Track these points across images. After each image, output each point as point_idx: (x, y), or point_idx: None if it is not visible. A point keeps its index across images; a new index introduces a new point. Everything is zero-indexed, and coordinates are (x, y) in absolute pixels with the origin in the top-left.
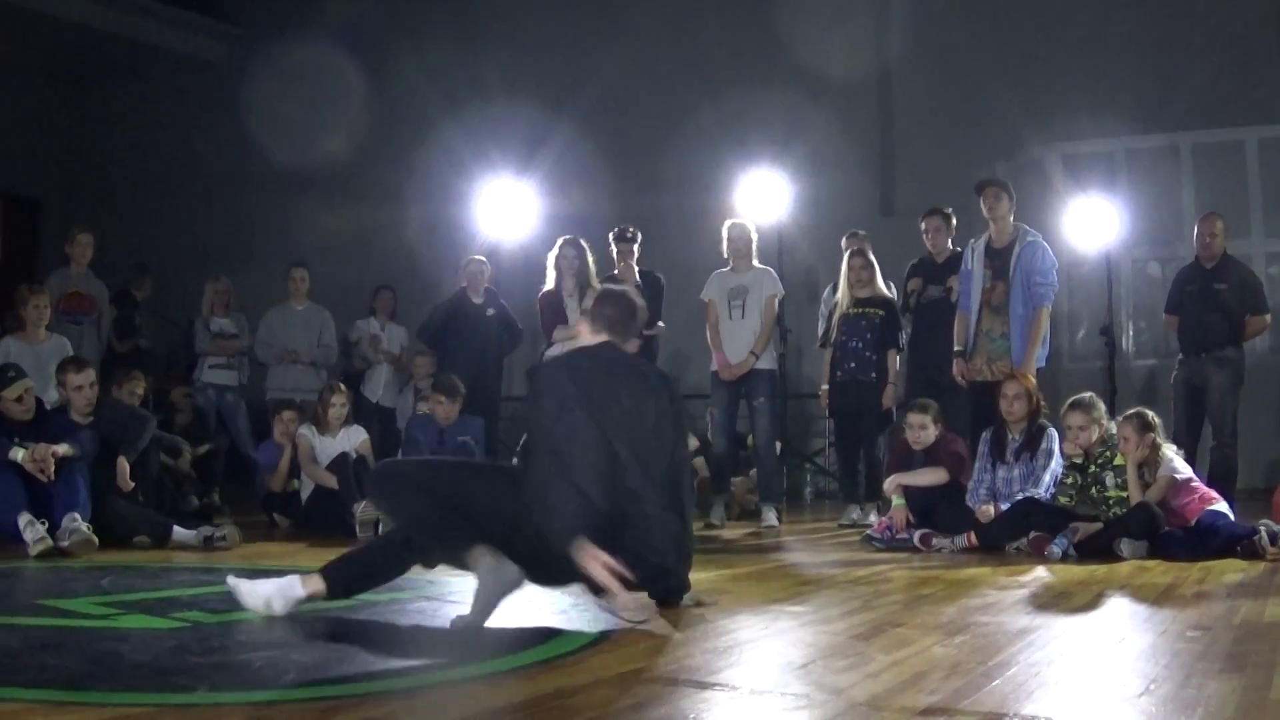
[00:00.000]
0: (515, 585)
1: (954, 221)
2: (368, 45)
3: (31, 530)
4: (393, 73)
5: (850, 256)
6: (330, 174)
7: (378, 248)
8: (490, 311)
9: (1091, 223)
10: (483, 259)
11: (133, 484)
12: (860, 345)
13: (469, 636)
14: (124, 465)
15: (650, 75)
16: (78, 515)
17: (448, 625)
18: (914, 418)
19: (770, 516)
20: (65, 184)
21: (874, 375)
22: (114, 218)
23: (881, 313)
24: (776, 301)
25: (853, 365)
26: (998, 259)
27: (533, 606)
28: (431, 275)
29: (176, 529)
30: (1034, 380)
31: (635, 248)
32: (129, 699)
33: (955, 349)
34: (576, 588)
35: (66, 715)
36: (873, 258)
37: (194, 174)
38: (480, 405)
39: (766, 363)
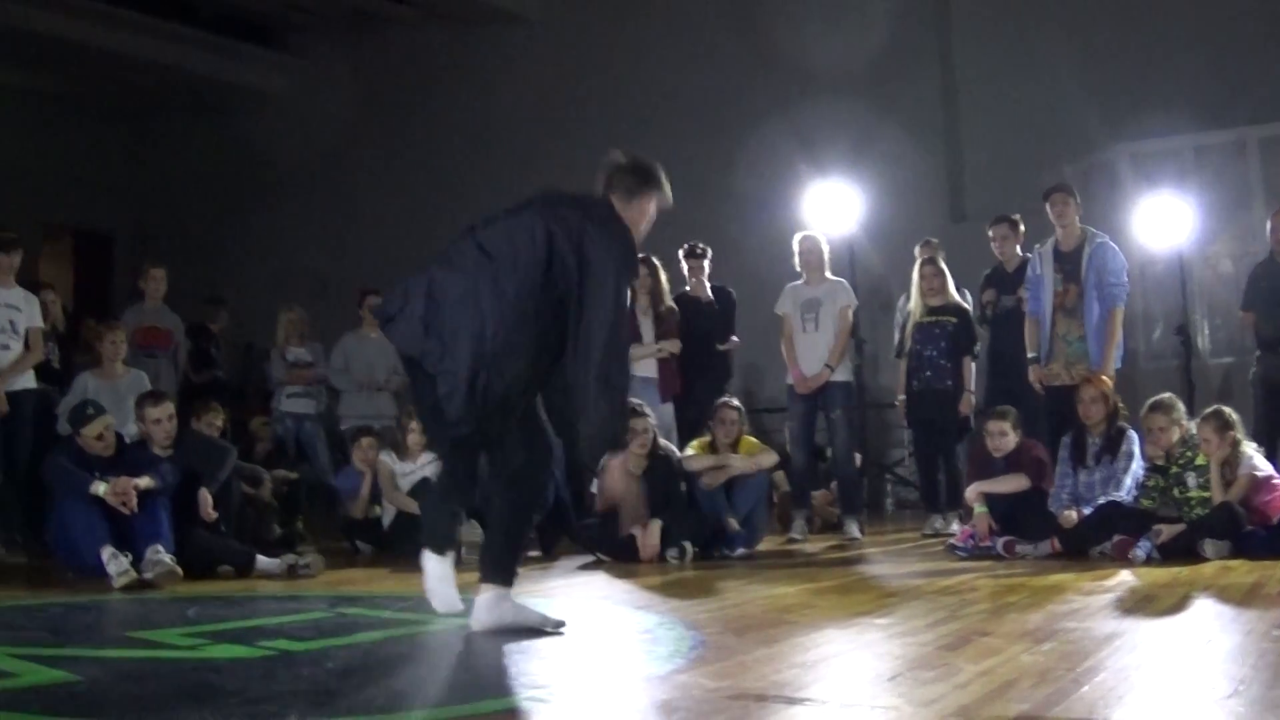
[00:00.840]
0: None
1: (1022, 228)
2: (427, 72)
3: (115, 563)
4: (455, 97)
5: (921, 265)
6: (397, 199)
7: None
8: None
9: (1162, 221)
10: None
11: (215, 514)
12: (935, 354)
13: (558, 658)
14: (206, 496)
15: (719, 89)
16: (161, 547)
17: (532, 646)
18: (994, 425)
19: (852, 529)
20: (136, 219)
21: (950, 383)
22: (186, 251)
23: (955, 320)
24: (850, 313)
25: (928, 374)
26: (1068, 262)
27: (619, 626)
28: None
29: (260, 558)
30: (1111, 382)
31: (706, 263)
32: None
33: (1029, 355)
34: None
35: None
36: (944, 265)
37: (263, 205)
38: (560, 428)
39: (842, 374)
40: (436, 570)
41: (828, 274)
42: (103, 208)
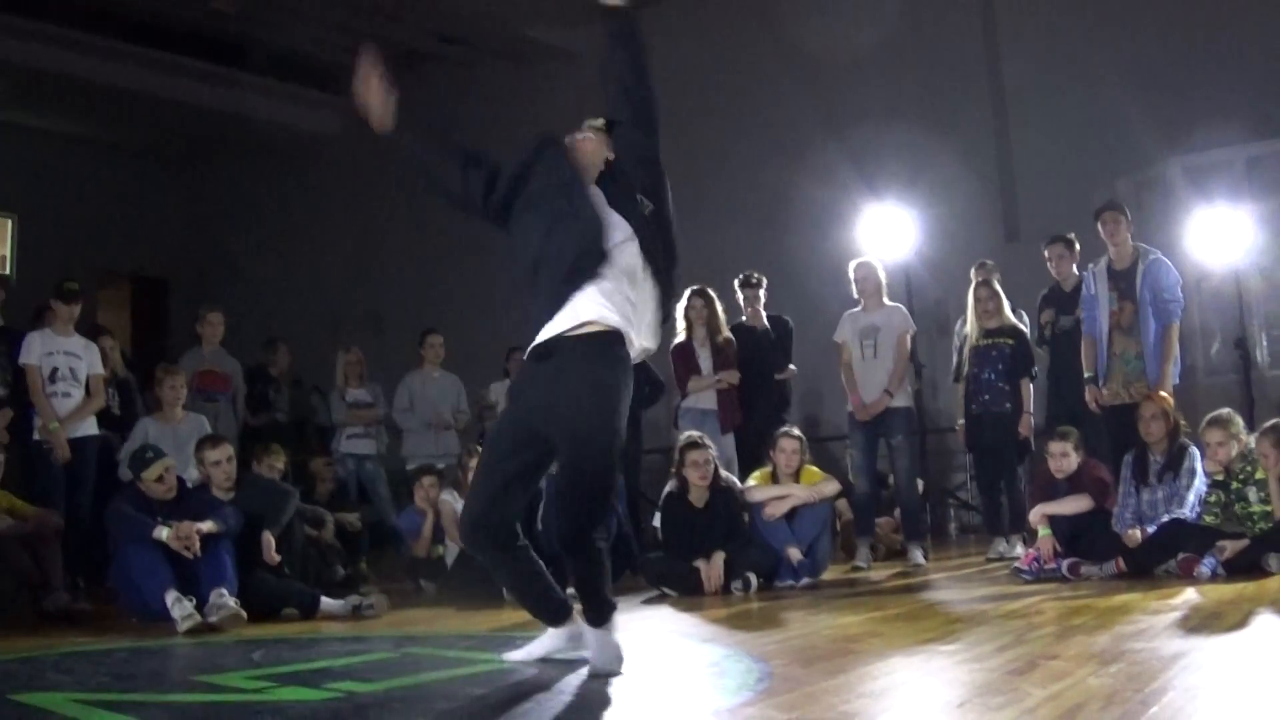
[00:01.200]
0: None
1: (1077, 246)
2: (484, 109)
3: (179, 607)
4: (510, 133)
5: (975, 288)
6: (454, 238)
7: (504, 310)
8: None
9: (1217, 234)
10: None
11: (278, 557)
12: (993, 376)
13: (628, 693)
14: (269, 539)
15: (773, 118)
16: (225, 590)
17: (602, 682)
18: (1055, 446)
19: (917, 555)
20: (192, 263)
21: (1009, 406)
22: (243, 295)
23: (1011, 342)
24: (909, 338)
25: (987, 397)
26: (1122, 280)
27: (686, 659)
28: None
29: (324, 599)
30: (1171, 399)
31: (761, 292)
32: None
33: (1086, 375)
34: None
35: None
36: (998, 287)
37: (318, 246)
38: (623, 460)
39: (902, 400)
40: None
41: (885, 300)
42: (159, 253)
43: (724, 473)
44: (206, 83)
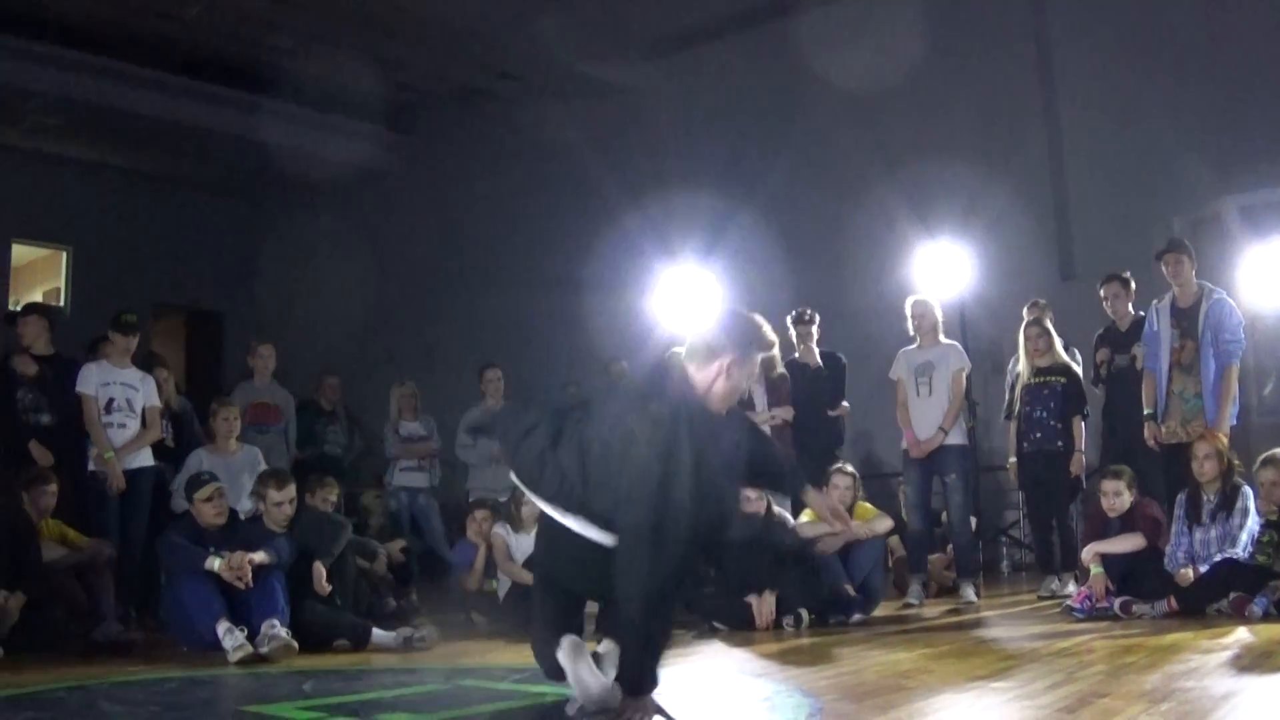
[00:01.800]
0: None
1: (1133, 285)
2: (542, 143)
3: (231, 638)
4: (569, 167)
5: (1026, 327)
6: (509, 271)
7: (558, 341)
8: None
9: (1272, 273)
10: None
11: (329, 587)
12: (1045, 414)
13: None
14: (320, 570)
15: (829, 156)
16: (276, 621)
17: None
18: (1108, 484)
19: (969, 592)
20: (246, 297)
21: (1060, 444)
22: (296, 327)
23: (1063, 380)
24: (964, 376)
25: (1039, 435)
26: (1185, 318)
27: (737, 694)
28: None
29: (375, 631)
30: (1225, 439)
31: (814, 329)
32: None
33: (1145, 412)
34: None
35: None
36: (1050, 325)
37: (372, 281)
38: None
39: (956, 438)
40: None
41: (941, 337)
42: (213, 286)
43: (777, 509)
44: (259, 116)
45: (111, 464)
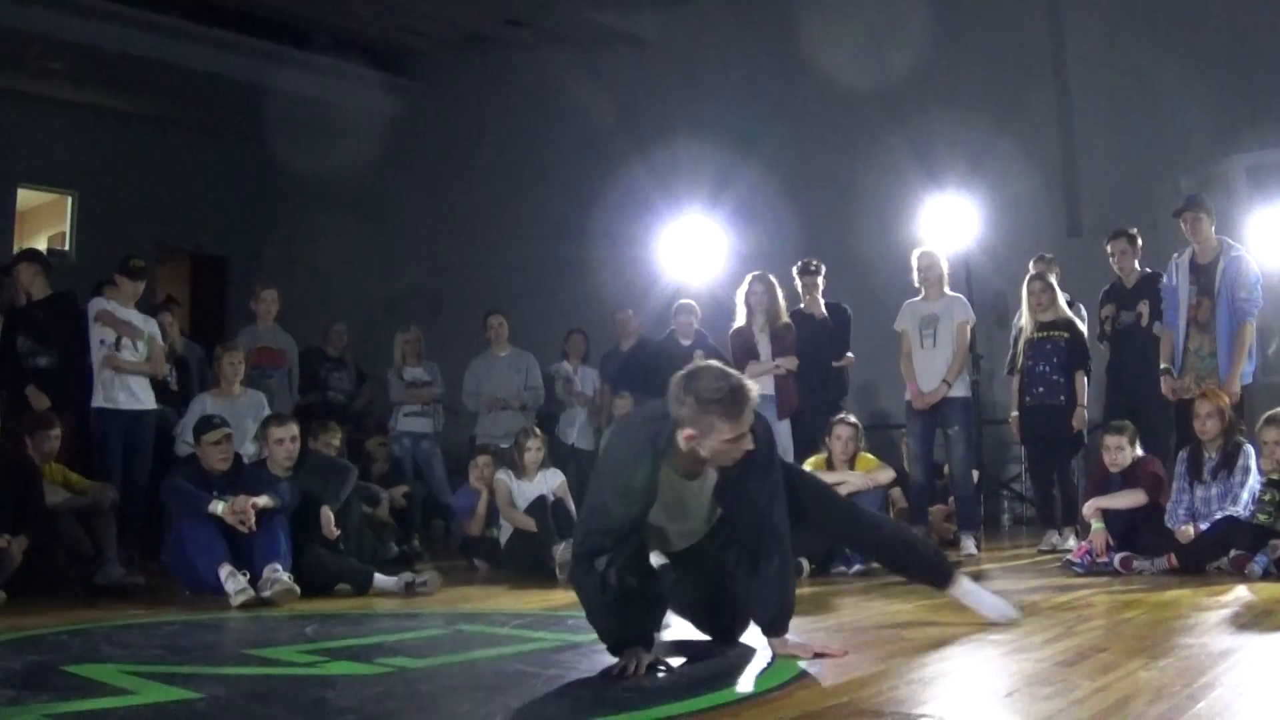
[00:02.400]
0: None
1: (1139, 242)
2: (550, 91)
3: (233, 581)
4: (576, 115)
5: (1029, 281)
6: (515, 218)
7: (565, 290)
8: (699, 353)
9: (1278, 233)
10: (690, 303)
11: (338, 531)
12: (1047, 369)
13: (678, 677)
14: (328, 515)
15: (835, 107)
16: (279, 565)
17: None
18: (1110, 439)
19: (969, 545)
20: (251, 242)
21: (1063, 399)
22: (301, 273)
23: (1066, 335)
24: (969, 329)
25: (1040, 390)
26: (1203, 275)
27: (733, 645)
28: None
29: (378, 576)
30: (1228, 398)
31: (820, 280)
32: None
33: (1162, 367)
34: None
35: None
36: (1053, 280)
37: (378, 225)
38: None
39: (960, 390)
40: None
41: (946, 290)
42: (218, 231)
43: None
44: (268, 61)
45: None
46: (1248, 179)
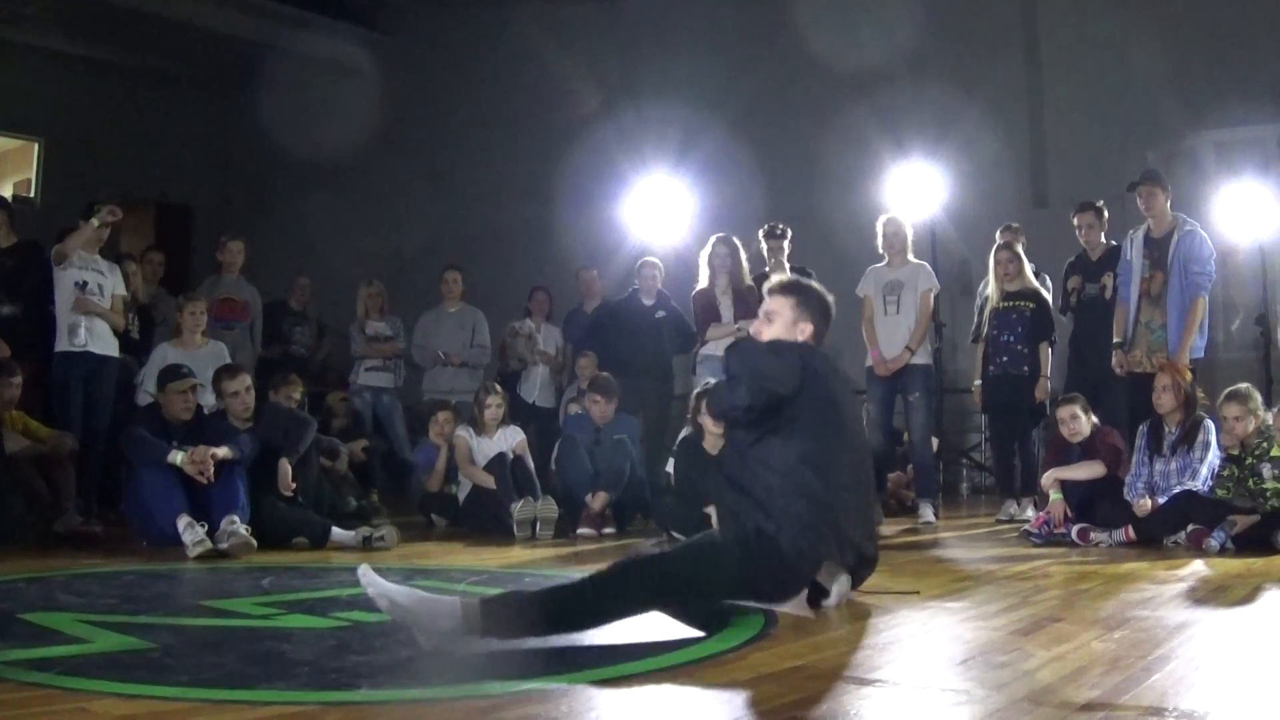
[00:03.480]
0: None
1: (1106, 215)
2: (517, 48)
3: (191, 532)
4: (544, 74)
5: (996, 251)
6: (482, 176)
7: (529, 248)
8: (661, 313)
9: (1245, 210)
10: (655, 260)
11: (295, 485)
12: (1012, 339)
13: (634, 638)
14: (286, 468)
15: (802, 72)
16: (236, 518)
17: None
18: (1063, 410)
19: (927, 513)
20: (217, 191)
21: (1026, 369)
22: (267, 225)
23: (1032, 305)
24: (932, 296)
25: (1005, 359)
26: (1156, 249)
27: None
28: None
29: (335, 530)
30: (1189, 373)
31: (786, 244)
32: (291, 697)
33: (1114, 340)
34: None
35: (229, 713)
36: (1020, 250)
37: (345, 180)
38: (649, 406)
39: (922, 358)
40: None
41: (910, 257)
42: (184, 181)
43: None
44: (240, 12)
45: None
46: (1215, 155)
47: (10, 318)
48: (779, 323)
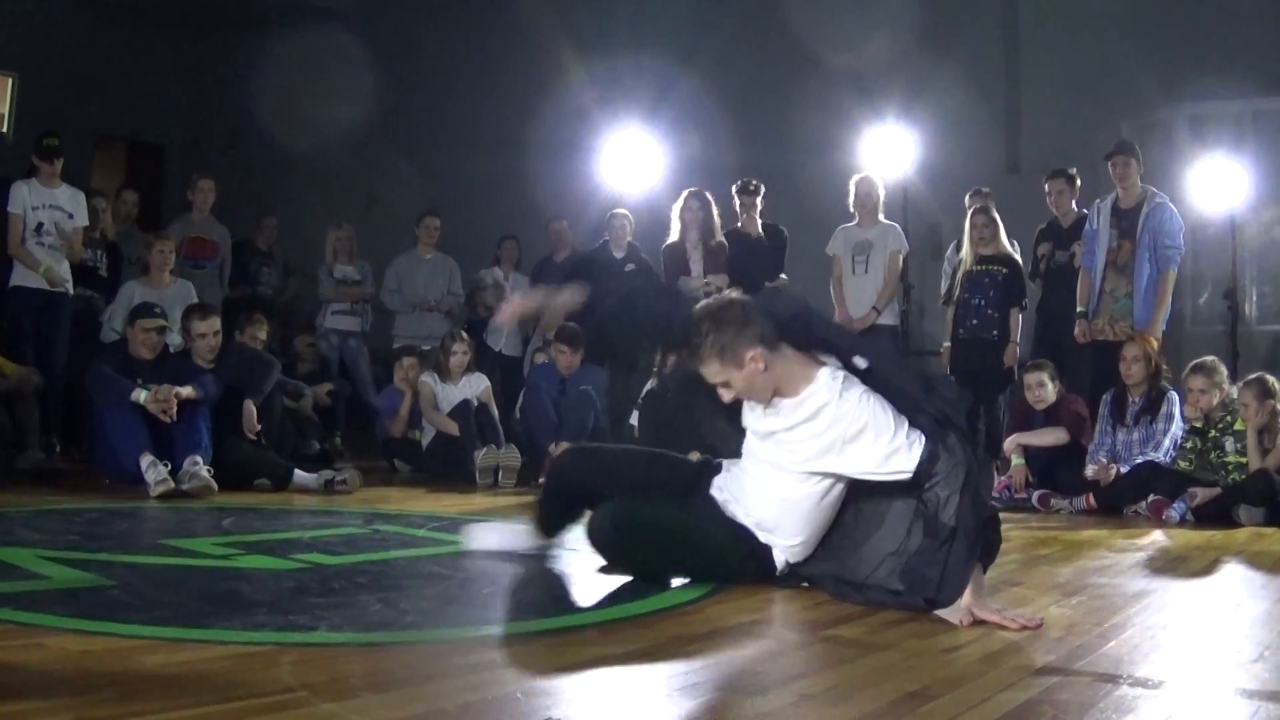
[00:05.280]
0: None
1: (1078, 183)
2: None
3: (154, 471)
4: (517, 23)
5: (973, 214)
6: (454, 124)
7: (500, 198)
8: (630, 266)
9: (1217, 185)
10: (625, 212)
11: (259, 426)
12: (983, 303)
13: (593, 585)
14: (250, 408)
15: (777, 28)
16: (199, 458)
17: (565, 571)
18: (1030, 377)
19: None
20: (190, 131)
21: (996, 333)
22: (239, 166)
23: (1005, 270)
24: (901, 257)
25: (975, 323)
26: (1125, 219)
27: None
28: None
29: (297, 472)
30: (1155, 343)
31: (758, 200)
32: (248, 637)
33: (1078, 309)
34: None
35: (187, 651)
36: (996, 215)
37: (319, 123)
38: (617, 358)
39: (888, 318)
40: None
41: (880, 217)
42: (157, 118)
43: None
44: None
45: (52, 272)
46: (1189, 129)
47: None
48: (740, 380)
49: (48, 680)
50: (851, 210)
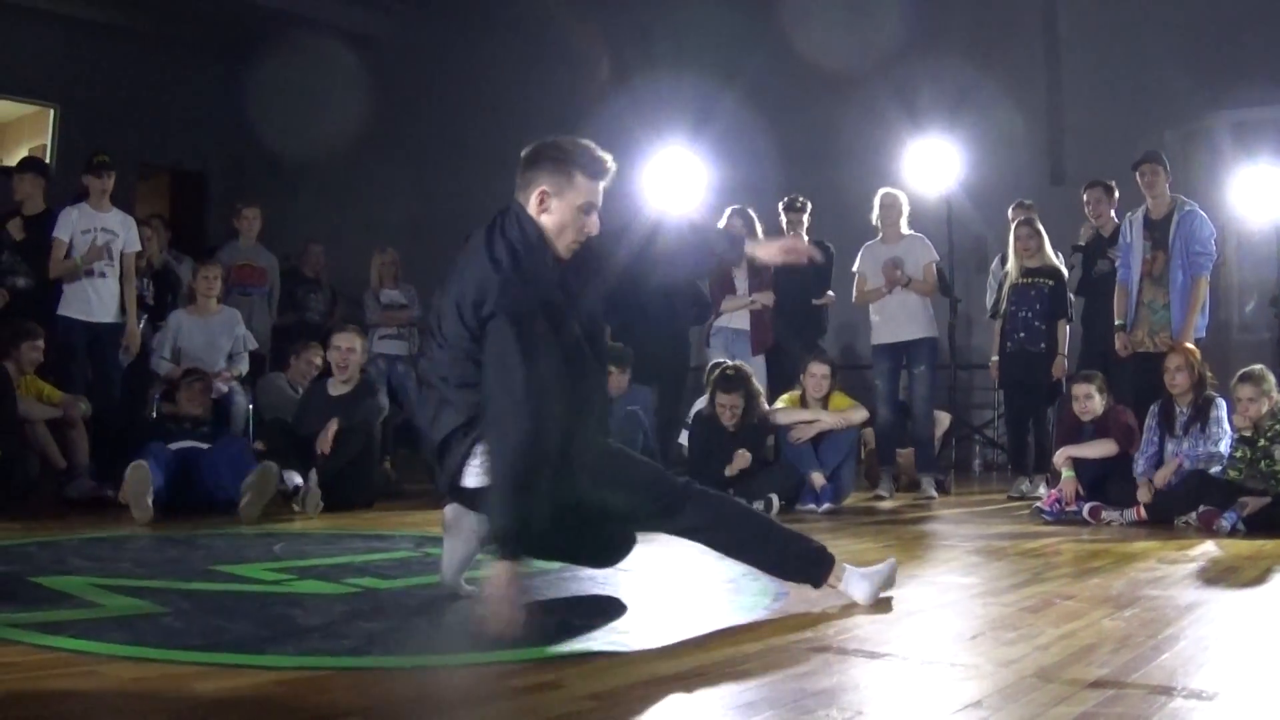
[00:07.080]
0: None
1: (1116, 193)
2: (534, 17)
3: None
4: (560, 44)
5: (1017, 226)
6: (497, 145)
7: None
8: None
9: (1261, 192)
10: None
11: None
12: (1029, 315)
13: (643, 605)
14: (333, 428)
15: (820, 45)
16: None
17: (617, 593)
18: (1078, 388)
19: (929, 487)
20: (230, 158)
21: (1043, 346)
22: (281, 192)
23: (1050, 282)
24: (934, 267)
25: (1022, 335)
26: (1157, 230)
27: (703, 575)
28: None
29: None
30: (1197, 352)
31: (805, 217)
32: (302, 662)
33: (1116, 322)
34: None
35: (241, 677)
36: (1040, 227)
37: (359, 147)
38: (664, 378)
39: (928, 330)
40: None
41: (905, 230)
42: (198, 147)
43: (763, 404)
44: None
45: (76, 268)
46: (1232, 136)
47: (26, 290)
48: None
49: (103, 708)
50: (874, 223)
